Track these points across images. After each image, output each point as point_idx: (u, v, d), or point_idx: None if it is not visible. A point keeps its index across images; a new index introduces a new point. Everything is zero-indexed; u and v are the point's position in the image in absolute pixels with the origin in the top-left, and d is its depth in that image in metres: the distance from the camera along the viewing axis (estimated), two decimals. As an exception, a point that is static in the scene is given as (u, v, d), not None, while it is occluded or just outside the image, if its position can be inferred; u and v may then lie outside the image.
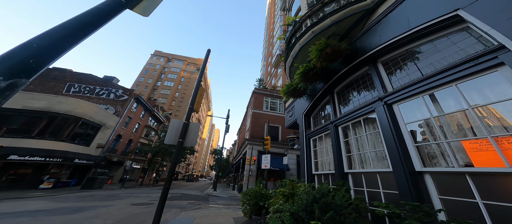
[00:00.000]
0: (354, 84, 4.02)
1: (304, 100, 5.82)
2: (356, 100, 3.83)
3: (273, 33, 46.71)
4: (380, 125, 2.90)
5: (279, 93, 24.26)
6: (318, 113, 5.36)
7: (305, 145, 5.12)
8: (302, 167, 4.98)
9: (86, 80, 22.19)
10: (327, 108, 5.02)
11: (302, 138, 5.39)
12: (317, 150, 4.81)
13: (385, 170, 2.75)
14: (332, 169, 3.96)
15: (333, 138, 3.90)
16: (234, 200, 12.49)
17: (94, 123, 17.36)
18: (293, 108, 6.77)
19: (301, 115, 5.80)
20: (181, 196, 12.18)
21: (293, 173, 18.58)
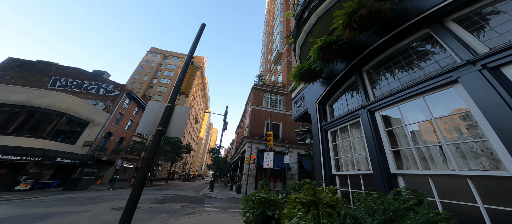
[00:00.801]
0: (398, 57, 3.02)
1: (318, 85, 4.83)
2: (405, 77, 2.82)
3: (273, 30, 45.90)
4: (471, 98, 1.83)
5: (279, 88, 23.21)
6: (338, 99, 4.36)
7: (320, 139, 4.13)
8: (317, 166, 3.99)
9: (73, 74, 20.75)
10: (348, 93, 4.04)
11: (315, 131, 4.39)
12: (337, 145, 3.82)
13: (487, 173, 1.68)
14: (365, 168, 2.99)
15: (367, 127, 2.91)
16: (232, 202, 11.47)
17: (80, 119, 16.04)
18: (303, 97, 5.77)
19: (314, 104, 4.81)
20: (173, 198, 11.10)
21: (295, 173, 17.68)
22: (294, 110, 6.39)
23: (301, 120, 6.26)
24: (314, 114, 4.66)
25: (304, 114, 5.57)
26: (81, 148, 16.36)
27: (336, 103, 4.40)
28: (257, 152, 18.11)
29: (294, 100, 6.61)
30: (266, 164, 7.80)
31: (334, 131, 3.99)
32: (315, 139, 4.28)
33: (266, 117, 20.88)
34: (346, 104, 3.98)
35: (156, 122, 2.97)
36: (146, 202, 8.76)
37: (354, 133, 3.43)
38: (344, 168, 3.47)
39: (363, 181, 2.93)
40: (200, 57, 76.51)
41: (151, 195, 12.22)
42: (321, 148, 3.98)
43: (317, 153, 4.08)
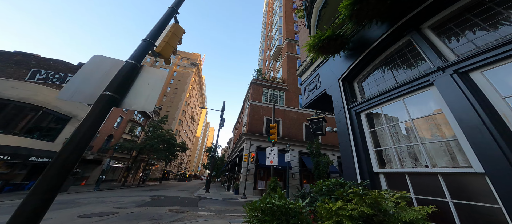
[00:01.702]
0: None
1: (340, 60, 3.76)
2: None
3: (272, 26, 45.06)
4: None
5: (279, 84, 22.08)
6: (372, 73, 3.27)
7: (349, 124, 3.04)
8: (345, 161, 2.90)
9: (55, 67, 18.99)
10: (390, 64, 2.95)
11: (340, 115, 3.30)
12: (378, 132, 2.73)
13: None
14: (449, 163, 1.90)
15: (458, 96, 1.80)
16: (229, 204, 10.33)
17: (61, 114, 14.49)
18: (318, 78, 4.67)
19: (337, 82, 3.72)
20: (163, 200, 9.86)
21: (296, 172, 16.68)
22: (305, 95, 5.29)
23: (314, 107, 5.15)
24: (338, 94, 3.57)
25: (319, 98, 4.48)
26: (61, 146, 14.80)
27: (369, 78, 3.31)
28: (256, 150, 17.01)
29: (305, 83, 5.50)
30: (270, 161, 6.71)
31: (371, 113, 2.89)
32: (341, 125, 3.19)
33: (265, 113, 19.80)
34: (391, 76, 2.88)
35: (102, 85, 1.79)
36: (128, 206, 7.51)
37: (414, 111, 2.33)
38: (396, 164, 2.37)
39: (445, 184, 1.82)
40: (196, 54, 74.67)
41: (138, 197, 10.93)
42: (351, 137, 2.89)
43: (344, 144, 2.98)
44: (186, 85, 59.15)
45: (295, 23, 34.69)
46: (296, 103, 21.57)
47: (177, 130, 50.72)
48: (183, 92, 56.89)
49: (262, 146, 17.26)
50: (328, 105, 4.72)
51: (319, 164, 14.57)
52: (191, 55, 72.18)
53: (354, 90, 3.46)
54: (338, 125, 3.28)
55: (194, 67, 66.99)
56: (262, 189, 15.64)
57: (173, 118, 49.86)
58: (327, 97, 4.38)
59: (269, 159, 6.82)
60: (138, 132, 26.87)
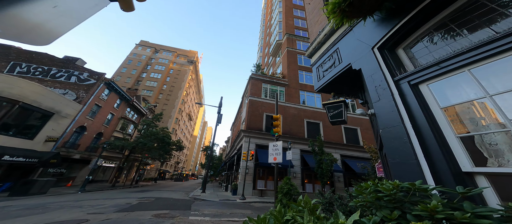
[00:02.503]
0: None
1: (372, 25, 2.82)
2: None
3: (271, 22, 44.31)
4: None
5: (279, 79, 21.15)
6: (426, 36, 2.26)
7: (400, 101, 2.04)
8: (398, 156, 1.89)
9: (38, 60, 17.64)
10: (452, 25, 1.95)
11: (382, 91, 2.29)
12: (463, 109, 1.71)
13: None
14: None
15: None
16: (226, 206, 9.33)
17: (41, 109, 13.22)
18: (337, 53, 3.70)
19: (370, 52, 2.74)
20: (151, 203, 8.79)
21: (297, 171, 15.73)
22: (318, 77, 4.30)
23: (330, 90, 4.16)
24: (372, 66, 2.58)
25: (338, 77, 3.49)
26: (42, 144, 13.55)
27: (422, 42, 2.30)
28: (256, 148, 16.02)
29: (317, 64, 4.51)
30: (273, 159, 5.72)
31: (443, 82, 1.88)
32: (383, 104, 2.19)
33: (265, 109, 18.81)
34: (459, 38, 1.87)
35: None
36: (106, 211, 6.43)
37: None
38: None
39: None
40: (194, 52, 73.15)
41: (125, 199, 9.83)
42: (406, 118, 1.90)
43: (392, 130, 1.99)
44: (183, 83, 57.72)
45: (295, 17, 33.77)
46: (297, 99, 20.64)
47: (173, 128, 49.37)
48: (180, 90, 55.47)
49: (261, 143, 16.28)
50: (350, 85, 3.73)
51: (322, 163, 13.67)
52: (188, 53, 70.63)
53: (399, 59, 2.46)
54: (376, 104, 2.29)
55: (191, 64, 65.53)
56: (262, 189, 14.68)
57: (169, 117, 48.48)
58: (349, 75, 3.40)
59: (272, 156, 5.82)
60: (131, 130, 25.58)
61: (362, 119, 19.55)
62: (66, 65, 18.27)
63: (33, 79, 16.09)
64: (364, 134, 18.33)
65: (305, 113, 19.45)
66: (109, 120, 21.56)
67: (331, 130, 18.55)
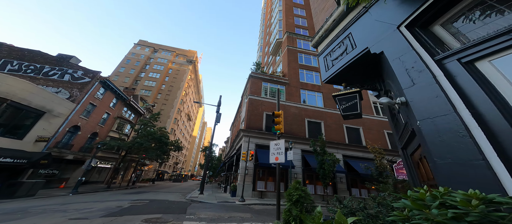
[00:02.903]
0: None
1: (395, 3, 2.32)
2: None
3: (271, 21, 44.13)
4: None
5: (280, 78, 20.67)
6: (484, 2, 1.77)
7: (449, 85, 1.54)
8: (451, 154, 1.39)
9: (31, 58, 17.08)
10: None
11: (418, 74, 1.79)
12: None
13: None
14: None
15: None
16: (225, 209, 8.81)
17: (31, 108, 12.66)
18: (349, 38, 3.24)
19: (396, 31, 2.26)
20: (144, 206, 8.26)
21: (298, 172, 15.23)
22: (326, 67, 3.80)
23: (338, 81, 3.66)
24: (400, 46, 2.09)
25: (353, 63, 2.99)
26: (33, 145, 12.98)
27: (469, 14, 1.80)
28: (256, 148, 15.52)
29: (324, 53, 4.02)
30: (274, 158, 5.21)
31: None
32: (422, 89, 1.68)
33: (265, 108, 18.32)
34: None
35: None
36: (94, 215, 5.91)
37: None
38: None
39: None
40: (193, 51, 72.62)
41: (117, 201, 9.29)
42: (461, 107, 1.39)
43: (445, 123, 1.46)
44: (182, 82, 57.17)
45: (296, 16, 33.38)
46: (297, 97, 20.18)
47: (172, 129, 48.78)
48: (179, 90, 54.91)
49: (261, 143, 15.78)
50: (364, 73, 3.24)
51: (324, 163, 13.16)
52: (187, 52, 70.10)
53: (437, 36, 1.95)
54: (408, 90, 1.78)
55: (190, 64, 65.01)
56: (262, 190, 14.16)
57: (168, 117, 47.89)
58: (364, 62, 2.92)
59: (274, 156, 5.32)
60: (128, 130, 25.00)
61: (364, 119, 19.07)
62: (60, 63, 17.71)
63: (24, 77, 15.53)
64: (367, 134, 17.86)
65: (306, 112, 18.98)
66: (104, 119, 20.99)
67: (332, 130, 18.09)
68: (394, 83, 2.16)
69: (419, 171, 2.19)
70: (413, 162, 2.34)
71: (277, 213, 4.79)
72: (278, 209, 4.87)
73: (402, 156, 2.67)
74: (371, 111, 19.91)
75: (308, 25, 33.86)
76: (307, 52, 26.23)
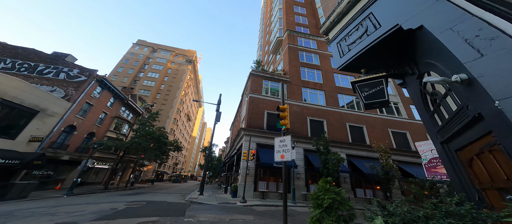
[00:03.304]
0: None
1: None
2: None
3: (271, 20, 43.94)
4: None
5: (280, 76, 20.30)
6: None
7: None
8: None
9: (25, 56, 16.59)
10: None
11: (497, 43, 1.34)
12: None
13: None
14: None
15: None
16: (226, 210, 8.37)
17: (24, 107, 12.18)
18: (370, 19, 2.85)
19: (441, 0, 1.80)
20: (141, 208, 7.81)
21: (301, 172, 14.78)
22: (341, 53, 3.37)
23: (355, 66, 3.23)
24: (452, 16, 1.67)
25: (376, 45, 2.57)
26: (26, 145, 12.50)
27: None
28: (257, 147, 15.08)
29: (338, 38, 3.59)
30: (280, 157, 4.79)
31: None
32: (497, 61, 1.27)
33: (266, 106, 17.89)
34: None
35: None
36: (85, 218, 5.46)
37: None
38: None
39: None
40: (192, 51, 72.11)
41: (112, 203, 8.83)
42: None
43: None
44: (181, 82, 56.67)
45: (296, 14, 32.99)
46: (299, 96, 19.76)
47: (171, 129, 48.28)
48: (178, 89, 54.41)
49: (263, 142, 15.35)
50: (388, 56, 2.81)
51: (328, 162, 12.73)
52: (186, 52, 69.60)
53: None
54: (475, 64, 1.35)
55: (189, 64, 64.52)
56: (264, 191, 13.73)
57: (167, 117, 47.39)
58: (390, 43, 2.49)
59: (279, 154, 4.88)
60: (126, 130, 24.51)
61: (367, 117, 18.66)
62: (55, 62, 17.22)
63: (18, 76, 15.04)
64: (371, 132, 17.44)
65: (308, 111, 18.57)
66: (101, 119, 20.50)
67: (335, 129, 17.68)
68: (443, 59, 1.74)
69: (471, 170, 1.76)
70: (462, 160, 1.91)
71: (284, 218, 4.35)
72: (285, 213, 4.43)
73: (442, 152, 2.24)
74: (374, 110, 19.52)
75: (309, 23, 33.47)
76: (308, 50, 25.84)
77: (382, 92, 2.39)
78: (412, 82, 2.55)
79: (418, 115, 20.58)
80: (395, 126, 18.24)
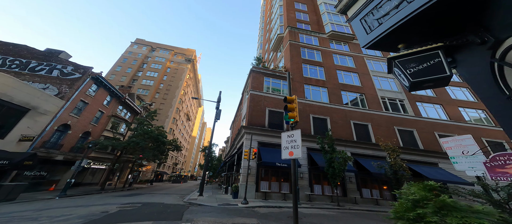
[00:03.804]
0: None
1: None
2: None
3: (271, 18, 43.45)
4: None
5: (282, 73, 19.69)
6: None
7: None
8: None
9: (16, 52, 15.95)
10: None
11: None
12: None
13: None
14: None
15: None
16: (227, 212, 7.79)
17: (13, 104, 11.57)
18: None
19: None
20: (136, 210, 7.23)
21: (304, 171, 14.20)
22: (368, 28, 2.76)
23: (387, 43, 2.63)
24: None
25: (427, 9, 1.97)
26: (16, 144, 11.90)
27: None
28: (258, 146, 14.50)
29: (362, 14, 2.96)
30: (288, 153, 4.21)
31: None
32: None
33: (268, 103, 17.31)
34: None
35: None
36: None
37: None
38: None
39: None
40: (191, 50, 71.44)
41: (104, 205, 8.25)
42: None
43: None
44: (180, 81, 56.04)
45: (297, 11, 32.39)
46: (301, 93, 19.19)
47: (170, 128, 47.68)
48: (177, 89, 53.78)
49: (264, 141, 14.78)
50: (439, 25, 2.22)
51: (334, 161, 12.15)
52: (185, 51, 68.94)
53: None
54: None
55: (188, 63, 63.86)
56: (266, 191, 13.15)
57: (166, 116, 46.78)
58: (434, 11, 1.89)
59: (287, 150, 4.29)
60: (123, 129, 23.90)
61: (373, 115, 18.06)
62: (48, 58, 16.60)
63: (9, 73, 14.41)
64: (376, 130, 16.87)
65: (311, 108, 17.99)
66: (98, 118, 19.88)
67: (339, 126, 17.10)
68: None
69: None
70: None
71: (295, 222, 3.77)
72: (295, 216, 3.85)
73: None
74: (379, 107, 18.94)
75: (310, 19, 32.91)
76: (310, 47, 25.28)
77: (440, 67, 1.81)
78: (474, 56, 1.95)
79: (425, 112, 19.98)
80: (401, 124, 17.67)
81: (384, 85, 21.56)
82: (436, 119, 18.36)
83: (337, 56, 24.85)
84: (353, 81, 21.48)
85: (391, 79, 22.19)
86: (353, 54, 25.50)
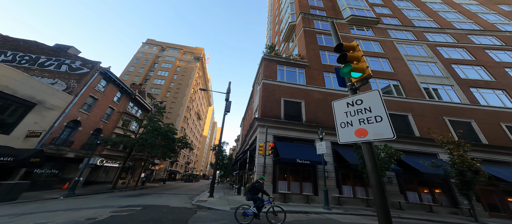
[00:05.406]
0: None
1: None
2: None
3: (281, 8, 41.12)
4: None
5: (297, 60, 17.27)
6: None
7: None
8: None
9: (26, 48, 15.90)
10: None
11: None
12: None
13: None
14: None
15: None
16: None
17: (17, 98, 11.08)
18: None
19: None
20: (131, 216, 5.85)
21: (329, 169, 12.02)
22: None
23: None
24: None
25: None
26: (23, 140, 11.45)
27: None
28: (274, 140, 12.65)
29: None
30: (357, 132, 2.24)
31: None
32: None
33: (282, 93, 15.32)
34: None
35: None
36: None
37: None
38: None
39: None
40: (200, 49, 71.45)
41: (102, 208, 7.06)
42: None
43: None
44: (190, 80, 56.11)
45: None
46: (321, 81, 16.87)
47: (182, 127, 47.79)
48: (187, 87, 53.85)
49: (280, 134, 12.88)
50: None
51: (369, 157, 9.78)
52: (194, 49, 69.12)
53: None
54: None
55: (197, 61, 63.85)
56: (285, 192, 11.26)
57: (177, 115, 46.91)
58: None
59: (352, 128, 2.37)
60: (135, 127, 23.58)
61: (413, 104, 15.08)
62: (57, 54, 16.36)
63: (19, 68, 14.26)
64: (418, 122, 13.95)
65: (333, 98, 15.61)
66: (108, 115, 19.55)
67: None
68: None
69: None
70: None
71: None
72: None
73: None
74: (420, 94, 15.86)
75: (324, 5, 30.00)
76: (328, 33, 22.65)
77: None
78: None
79: (483, 100, 16.19)
80: (453, 114, 14.44)
81: (424, 70, 18.26)
82: (501, 107, 14.78)
83: (360, 42, 21.88)
84: (382, 67, 18.51)
85: (432, 63, 18.72)
86: (379, 38, 22.31)
